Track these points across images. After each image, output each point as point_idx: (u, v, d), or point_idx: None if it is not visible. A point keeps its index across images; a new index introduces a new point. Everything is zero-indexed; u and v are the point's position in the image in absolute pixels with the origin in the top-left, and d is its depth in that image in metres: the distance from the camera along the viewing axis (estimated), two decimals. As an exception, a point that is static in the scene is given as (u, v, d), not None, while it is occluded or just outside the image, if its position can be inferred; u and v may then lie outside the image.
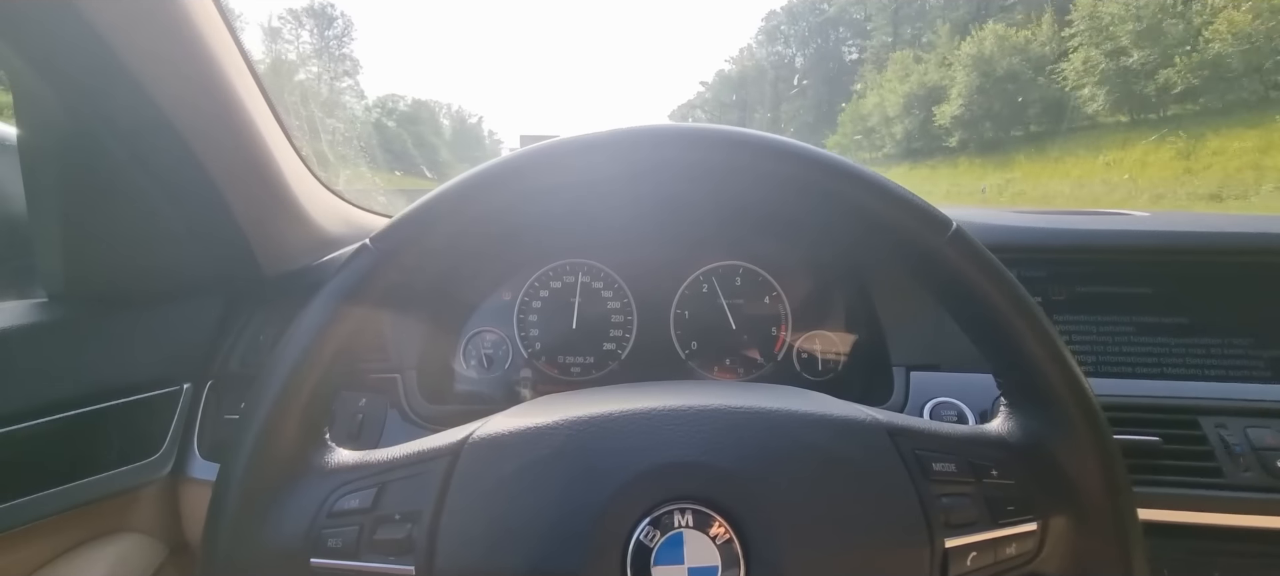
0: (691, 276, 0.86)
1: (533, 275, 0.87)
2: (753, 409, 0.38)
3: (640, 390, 0.42)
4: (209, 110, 0.60)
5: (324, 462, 0.39)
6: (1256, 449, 0.61)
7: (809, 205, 0.43)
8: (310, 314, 0.39)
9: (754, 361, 0.85)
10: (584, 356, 0.86)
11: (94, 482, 0.59)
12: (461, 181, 0.40)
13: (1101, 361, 0.71)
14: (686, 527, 0.34)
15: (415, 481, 0.37)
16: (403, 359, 0.75)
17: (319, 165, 0.83)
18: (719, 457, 0.36)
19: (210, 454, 0.67)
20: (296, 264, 0.79)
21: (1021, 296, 0.39)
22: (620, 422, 0.38)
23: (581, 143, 0.41)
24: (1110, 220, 0.83)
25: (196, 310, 0.72)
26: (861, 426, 0.38)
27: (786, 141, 0.41)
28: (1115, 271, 0.74)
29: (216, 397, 0.70)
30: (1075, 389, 0.39)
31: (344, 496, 0.37)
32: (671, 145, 0.41)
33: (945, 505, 0.36)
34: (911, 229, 0.40)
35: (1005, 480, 0.38)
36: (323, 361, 0.38)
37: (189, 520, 0.69)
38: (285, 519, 0.37)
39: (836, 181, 0.40)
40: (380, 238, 0.40)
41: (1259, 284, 0.72)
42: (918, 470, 0.37)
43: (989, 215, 0.85)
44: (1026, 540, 0.37)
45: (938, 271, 0.41)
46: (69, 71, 0.52)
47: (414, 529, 0.35)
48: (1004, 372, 0.42)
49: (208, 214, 0.66)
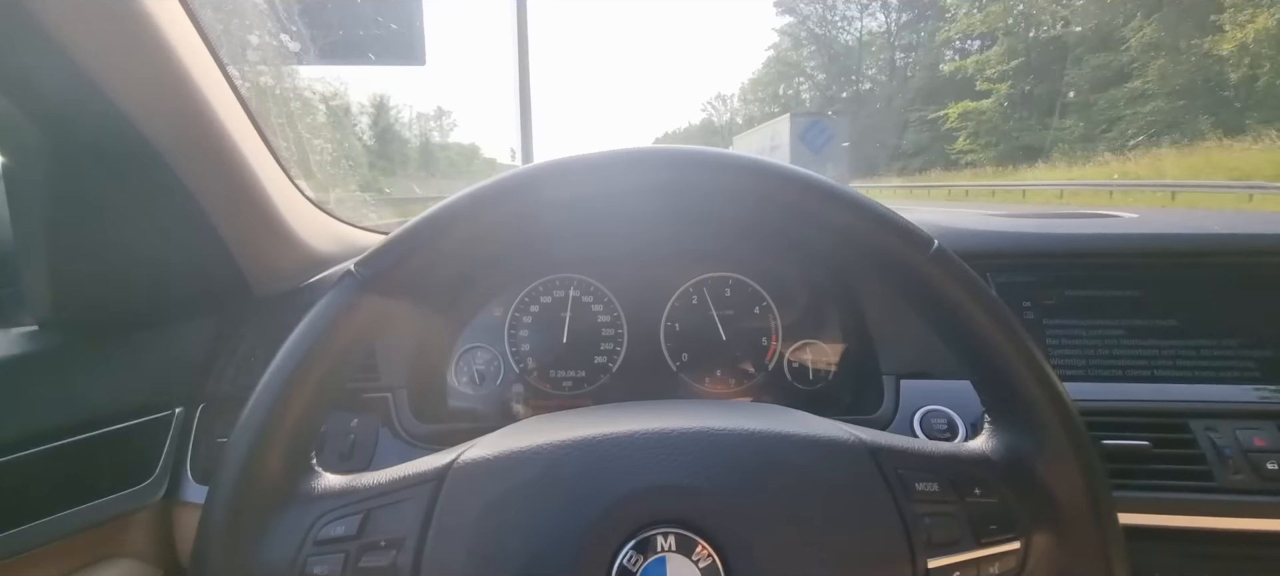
0: (681, 288, 0.86)
1: (523, 290, 0.87)
2: (735, 430, 0.38)
3: (624, 412, 0.42)
4: (193, 133, 0.60)
5: (309, 489, 0.39)
6: (1246, 451, 0.61)
7: (794, 224, 0.43)
8: (293, 343, 0.39)
9: (745, 372, 0.85)
10: (575, 370, 0.86)
11: (87, 510, 0.59)
12: (448, 204, 0.40)
13: (1091, 365, 0.71)
14: (670, 552, 0.34)
15: (400, 508, 0.37)
16: (393, 378, 0.75)
17: (308, 183, 0.83)
18: (702, 480, 0.36)
19: (203, 478, 0.67)
20: (287, 284, 0.79)
21: (1003, 313, 0.40)
22: (603, 446, 0.38)
23: (567, 165, 0.41)
24: (1098, 223, 0.83)
25: (187, 333, 0.72)
26: (844, 447, 0.39)
27: (769, 162, 0.41)
28: (1104, 275, 0.74)
29: (209, 421, 0.70)
30: (1057, 404, 0.39)
31: (329, 523, 0.37)
32: (654, 168, 0.41)
33: (928, 525, 0.36)
34: (893, 247, 0.40)
35: (988, 498, 0.38)
36: (307, 390, 0.38)
37: (183, 544, 0.69)
38: (271, 547, 0.37)
39: (820, 202, 0.41)
40: (364, 263, 0.40)
41: (1248, 285, 0.72)
42: (900, 489, 0.37)
43: (977, 221, 0.86)
44: (1009, 558, 0.37)
45: (920, 289, 0.41)
46: (51, 99, 0.52)
47: (399, 556, 0.36)
48: (986, 388, 0.42)
49: (196, 237, 0.66)
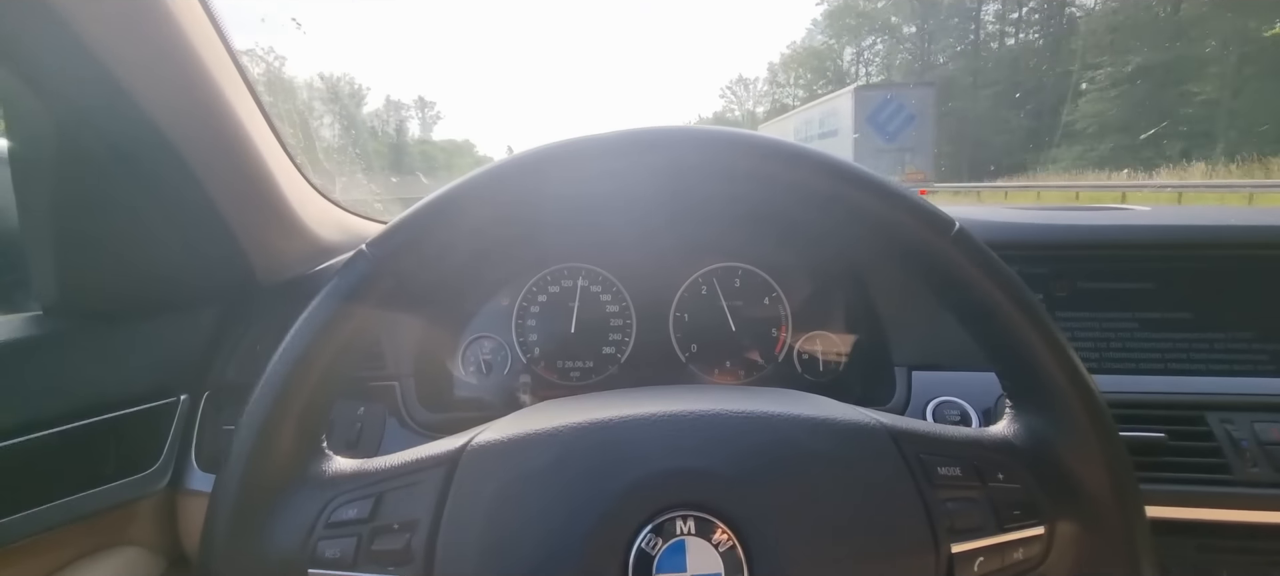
0: (690, 278, 0.86)
1: (531, 279, 0.87)
2: (755, 413, 0.38)
3: (640, 395, 0.42)
4: (201, 120, 0.59)
5: (321, 472, 0.38)
6: (1263, 444, 0.60)
7: (810, 208, 0.42)
8: (307, 319, 0.38)
9: (754, 363, 0.84)
10: (583, 360, 0.86)
11: (91, 496, 0.59)
12: (458, 186, 0.40)
13: (1105, 358, 0.71)
14: (689, 535, 0.34)
15: (413, 490, 0.37)
16: (401, 366, 0.75)
17: (315, 172, 0.82)
18: (721, 463, 0.36)
19: (208, 465, 0.67)
20: (293, 272, 0.78)
21: (1026, 296, 0.39)
22: (620, 429, 0.37)
23: (582, 145, 0.40)
24: (1112, 215, 0.83)
25: (192, 321, 0.72)
26: (865, 430, 0.38)
27: (785, 144, 0.40)
28: (1118, 267, 0.74)
29: (213, 408, 0.69)
30: (1081, 389, 0.38)
31: (341, 506, 0.37)
32: (672, 147, 0.40)
33: (950, 510, 0.36)
34: (914, 230, 0.40)
35: (1011, 484, 0.37)
36: (320, 367, 0.38)
37: (187, 532, 0.69)
38: (282, 529, 0.36)
39: (838, 184, 0.40)
40: (377, 242, 0.39)
41: (1264, 277, 0.71)
42: (922, 474, 0.37)
43: (991, 212, 0.85)
44: (1033, 544, 0.37)
45: (941, 272, 0.40)
46: (59, 84, 0.52)
47: (412, 538, 0.35)
48: (1009, 374, 0.42)
49: (202, 224, 0.66)
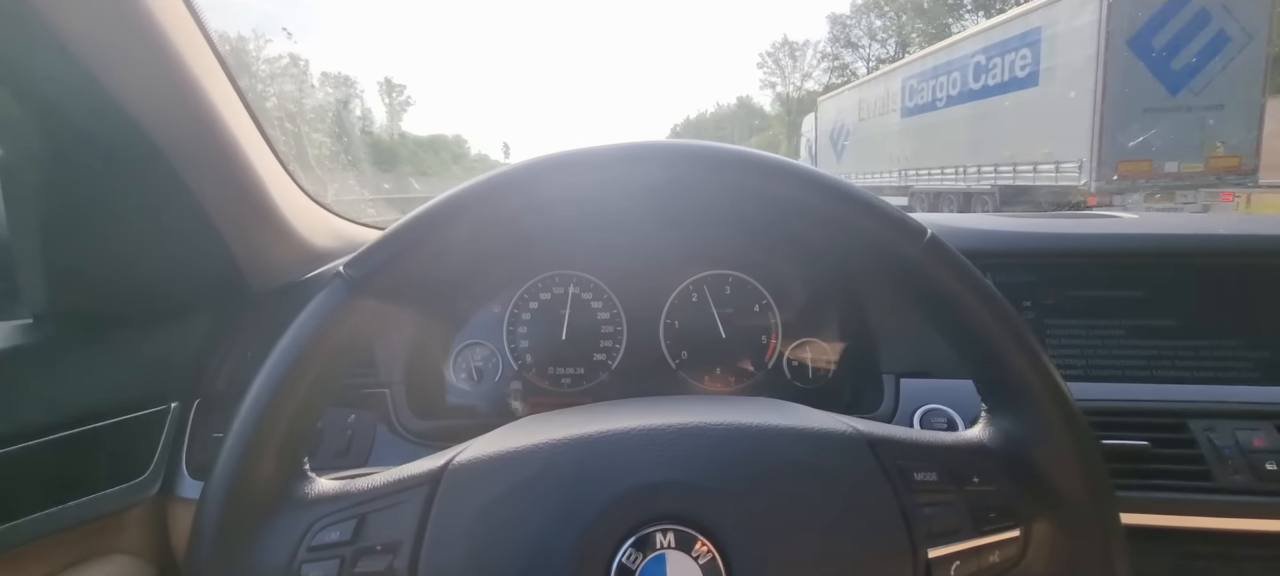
0: (681, 286, 0.86)
1: (521, 287, 0.87)
2: (732, 425, 0.38)
3: (620, 409, 0.42)
4: (191, 126, 0.59)
5: (303, 494, 0.38)
6: (1245, 452, 0.61)
7: (789, 220, 0.43)
8: (283, 348, 0.38)
9: (745, 370, 0.85)
10: (574, 368, 0.86)
11: (81, 505, 0.59)
12: (438, 203, 0.40)
13: (1091, 365, 0.71)
14: (669, 548, 0.34)
15: (395, 511, 0.37)
16: (391, 373, 0.75)
17: (306, 177, 0.82)
18: (700, 476, 0.36)
19: (198, 473, 0.67)
20: (284, 279, 0.78)
21: (997, 301, 0.39)
22: (600, 444, 0.37)
23: (556, 161, 0.40)
24: (1099, 223, 0.83)
25: (183, 328, 0.72)
26: (842, 438, 0.38)
27: (761, 154, 0.41)
28: (1104, 275, 0.74)
29: (204, 416, 0.69)
30: (1053, 392, 0.38)
31: (324, 528, 0.36)
32: (651, 162, 0.41)
33: (927, 514, 0.36)
34: (887, 239, 0.40)
35: (986, 487, 0.38)
36: (298, 394, 0.38)
37: (177, 540, 0.69)
38: (264, 552, 0.36)
39: (814, 195, 0.40)
40: (353, 264, 0.39)
41: (1248, 286, 0.72)
42: (899, 480, 0.37)
43: (977, 221, 0.85)
44: (1009, 547, 0.37)
45: (915, 279, 0.41)
46: (46, 90, 0.52)
47: (395, 561, 0.35)
48: (982, 377, 0.42)
49: (192, 231, 0.66)
